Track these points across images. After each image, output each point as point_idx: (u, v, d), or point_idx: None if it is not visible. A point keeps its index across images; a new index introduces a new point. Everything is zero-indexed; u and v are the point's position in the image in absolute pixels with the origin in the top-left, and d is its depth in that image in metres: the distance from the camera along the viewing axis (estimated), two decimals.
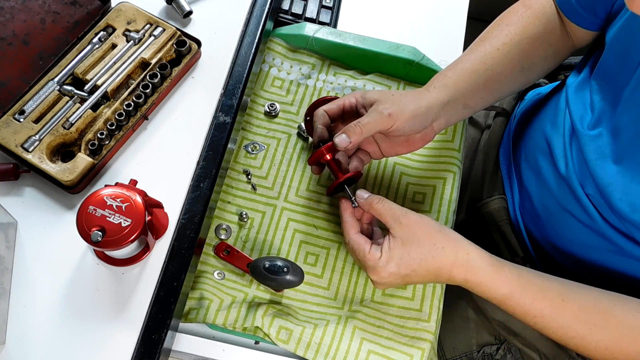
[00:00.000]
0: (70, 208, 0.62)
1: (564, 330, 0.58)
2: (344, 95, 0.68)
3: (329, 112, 0.65)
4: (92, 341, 0.57)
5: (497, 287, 0.58)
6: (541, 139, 0.73)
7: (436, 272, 0.59)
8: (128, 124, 0.65)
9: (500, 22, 0.70)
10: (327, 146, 0.63)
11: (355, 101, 0.65)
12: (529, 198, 0.75)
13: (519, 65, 0.69)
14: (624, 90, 0.60)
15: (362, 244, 0.60)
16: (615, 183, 0.59)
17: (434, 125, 0.64)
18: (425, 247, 0.58)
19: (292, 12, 0.84)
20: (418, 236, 0.59)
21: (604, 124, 0.62)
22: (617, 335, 0.56)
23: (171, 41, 0.70)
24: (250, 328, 0.64)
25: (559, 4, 0.69)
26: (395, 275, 0.59)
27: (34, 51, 0.67)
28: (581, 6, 0.66)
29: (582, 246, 0.68)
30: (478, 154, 0.86)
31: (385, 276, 0.59)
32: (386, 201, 0.61)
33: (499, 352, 0.75)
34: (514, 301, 0.58)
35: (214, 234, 0.70)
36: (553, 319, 0.58)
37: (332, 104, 0.66)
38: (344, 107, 0.66)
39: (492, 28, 0.70)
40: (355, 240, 0.61)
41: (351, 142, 0.60)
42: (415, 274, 0.59)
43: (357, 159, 0.67)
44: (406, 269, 0.58)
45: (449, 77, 0.66)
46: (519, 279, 0.59)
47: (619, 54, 0.62)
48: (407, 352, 0.64)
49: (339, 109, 0.65)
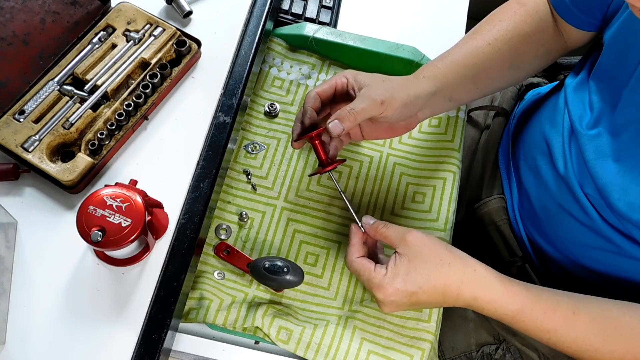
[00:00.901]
0: (70, 208, 0.62)
1: (578, 343, 0.57)
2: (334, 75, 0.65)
3: (322, 95, 0.63)
4: (92, 341, 0.57)
5: (508, 303, 0.57)
6: (540, 139, 0.73)
7: (443, 289, 0.57)
8: (128, 124, 0.65)
9: (494, 17, 0.70)
10: (318, 131, 0.61)
11: (347, 81, 0.63)
12: (528, 198, 0.75)
13: (508, 63, 0.69)
14: (623, 90, 0.60)
15: (366, 264, 0.59)
16: (614, 183, 0.59)
17: (419, 114, 0.64)
18: (432, 262, 0.57)
19: (292, 12, 0.84)
20: (424, 252, 0.58)
21: (603, 124, 0.62)
22: (630, 345, 0.56)
23: (171, 41, 0.70)
24: (250, 328, 0.64)
25: (553, 4, 0.68)
26: (402, 292, 0.57)
27: (34, 51, 0.67)
28: (575, 6, 0.66)
29: (581, 246, 0.68)
30: (477, 154, 0.86)
31: (391, 292, 0.57)
32: (391, 225, 0.61)
33: (498, 352, 0.75)
34: (526, 317, 0.57)
35: (214, 234, 0.70)
36: (566, 333, 0.57)
37: (324, 84, 0.63)
38: (336, 87, 0.64)
39: (485, 23, 0.70)
40: (359, 262, 0.60)
41: (344, 129, 0.59)
42: (422, 291, 0.57)
43: (337, 140, 0.66)
44: (412, 285, 0.57)
45: (439, 67, 0.65)
46: (529, 294, 0.58)
47: (617, 54, 0.62)
48: (407, 352, 0.64)
49: (331, 88, 0.63)
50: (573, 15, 0.67)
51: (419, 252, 0.58)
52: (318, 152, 0.64)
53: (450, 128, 0.78)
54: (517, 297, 0.57)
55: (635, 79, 0.58)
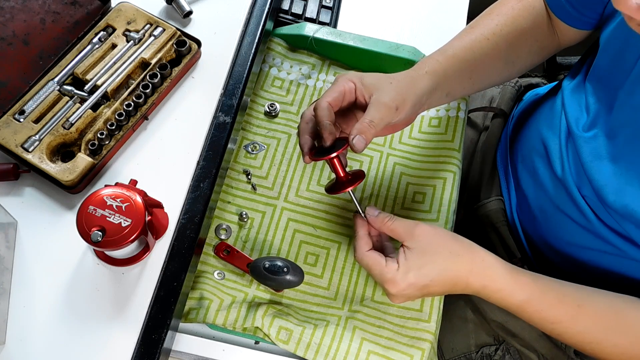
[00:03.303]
0: (70, 208, 0.62)
1: (582, 335, 0.58)
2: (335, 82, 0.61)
3: (333, 103, 0.59)
4: (92, 341, 0.57)
5: (516, 294, 0.58)
6: (537, 141, 0.73)
7: (453, 280, 0.58)
8: (128, 124, 0.65)
9: (492, 11, 0.70)
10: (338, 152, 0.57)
11: (354, 85, 0.60)
12: (526, 200, 0.75)
13: (504, 58, 0.68)
14: (619, 91, 0.60)
15: (377, 258, 0.59)
16: (610, 184, 0.59)
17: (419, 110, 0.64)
18: (442, 255, 0.58)
19: (292, 12, 0.84)
20: (434, 245, 0.58)
21: (599, 126, 0.62)
22: (633, 339, 0.56)
23: (171, 41, 0.70)
24: (250, 328, 0.64)
25: (548, 1, 0.69)
26: (414, 286, 0.57)
27: (34, 51, 0.67)
28: (570, 4, 0.66)
29: (579, 247, 0.68)
30: (476, 156, 0.87)
31: (404, 287, 0.57)
32: (396, 218, 0.61)
33: (497, 353, 0.75)
34: (533, 307, 0.58)
35: (214, 234, 0.70)
36: (571, 325, 0.58)
37: (332, 92, 0.59)
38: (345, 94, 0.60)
39: (483, 17, 0.70)
40: (370, 256, 0.59)
41: (366, 142, 0.57)
42: (433, 283, 0.57)
43: None
44: (425, 278, 0.57)
45: (440, 62, 0.64)
46: (536, 284, 0.58)
47: (613, 56, 0.62)
48: (407, 352, 0.64)
49: (340, 95, 0.60)
50: (567, 12, 0.67)
51: (429, 245, 0.58)
52: (337, 170, 0.60)
53: (450, 128, 0.78)
54: (524, 288, 0.58)
55: (631, 81, 0.58)
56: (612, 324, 0.57)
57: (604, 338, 0.57)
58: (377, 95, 0.58)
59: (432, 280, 0.58)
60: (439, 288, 0.58)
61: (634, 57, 0.58)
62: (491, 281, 0.58)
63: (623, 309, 0.57)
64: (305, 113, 0.61)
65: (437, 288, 0.58)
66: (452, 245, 0.59)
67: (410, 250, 0.58)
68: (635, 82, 0.58)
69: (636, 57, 0.58)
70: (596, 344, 0.58)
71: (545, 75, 0.95)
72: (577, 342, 0.59)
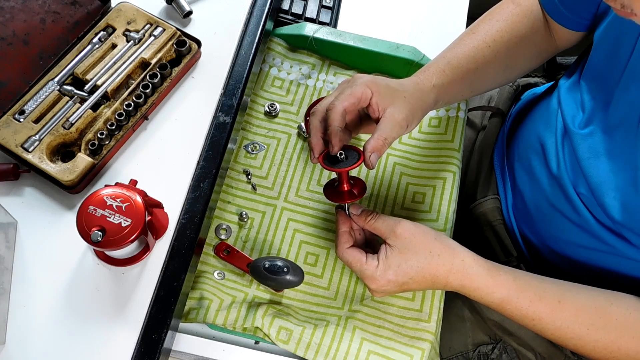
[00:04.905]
0: (70, 208, 0.62)
1: (562, 331, 0.58)
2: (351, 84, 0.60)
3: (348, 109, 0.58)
4: (92, 341, 0.57)
5: (494, 292, 0.59)
6: (534, 139, 0.73)
7: (432, 279, 0.59)
8: (128, 124, 0.65)
9: (491, 17, 0.70)
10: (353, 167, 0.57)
11: (372, 94, 0.59)
12: (522, 198, 0.75)
13: (503, 64, 0.69)
14: (614, 89, 0.60)
15: (357, 255, 0.60)
16: (607, 182, 0.60)
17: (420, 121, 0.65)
18: (422, 254, 0.59)
19: (292, 12, 0.84)
20: (414, 244, 0.59)
21: (596, 122, 0.63)
22: (615, 335, 0.57)
23: (171, 41, 0.69)
24: (250, 328, 0.64)
25: (543, 3, 0.69)
26: (393, 283, 0.59)
27: (34, 51, 0.67)
28: (563, 5, 0.67)
29: (574, 245, 0.68)
30: (473, 155, 0.87)
31: (383, 284, 0.59)
32: (380, 215, 0.62)
33: (494, 352, 0.76)
34: (512, 305, 0.59)
35: (214, 234, 0.70)
36: (551, 321, 0.58)
37: (350, 96, 0.58)
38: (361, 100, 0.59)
39: (483, 21, 0.70)
40: (350, 253, 0.61)
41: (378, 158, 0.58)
42: (412, 281, 0.59)
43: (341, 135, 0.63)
44: (403, 276, 0.59)
45: (447, 74, 0.65)
46: (515, 282, 0.59)
47: (606, 53, 0.62)
48: (407, 352, 0.64)
49: (357, 101, 0.58)
50: (561, 14, 0.68)
51: (409, 244, 0.59)
52: (342, 181, 0.61)
53: (450, 128, 0.78)
54: (503, 286, 0.59)
55: (626, 77, 0.58)
56: (594, 319, 0.57)
57: (585, 334, 0.57)
58: (391, 111, 0.58)
59: (411, 278, 0.59)
60: (417, 285, 0.60)
61: (627, 53, 0.58)
62: (470, 280, 0.59)
63: (605, 305, 0.58)
64: (319, 110, 0.60)
65: (415, 285, 0.60)
66: (432, 245, 0.59)
67: (391, 248, 0.60)
68: (630, 78, 0.58)
69: (629, 53, 0.58)
70: (577, 339, 0.58)
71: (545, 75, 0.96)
72: (558, 337, 0.59)
